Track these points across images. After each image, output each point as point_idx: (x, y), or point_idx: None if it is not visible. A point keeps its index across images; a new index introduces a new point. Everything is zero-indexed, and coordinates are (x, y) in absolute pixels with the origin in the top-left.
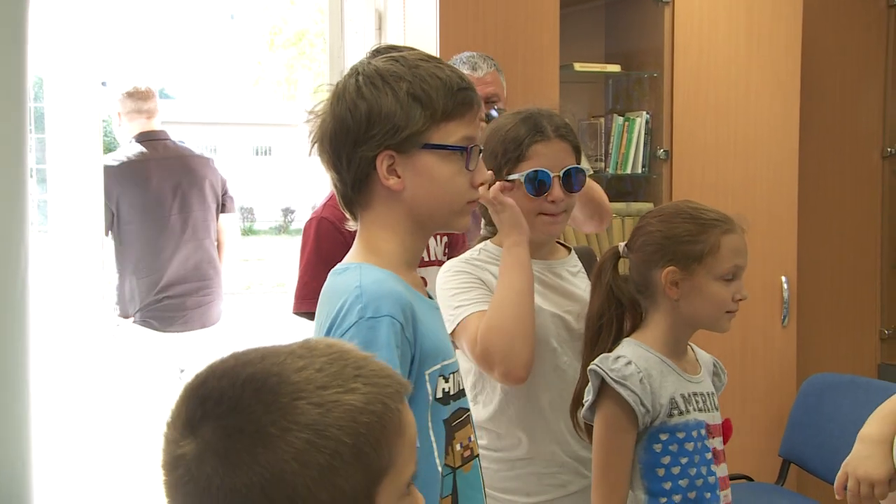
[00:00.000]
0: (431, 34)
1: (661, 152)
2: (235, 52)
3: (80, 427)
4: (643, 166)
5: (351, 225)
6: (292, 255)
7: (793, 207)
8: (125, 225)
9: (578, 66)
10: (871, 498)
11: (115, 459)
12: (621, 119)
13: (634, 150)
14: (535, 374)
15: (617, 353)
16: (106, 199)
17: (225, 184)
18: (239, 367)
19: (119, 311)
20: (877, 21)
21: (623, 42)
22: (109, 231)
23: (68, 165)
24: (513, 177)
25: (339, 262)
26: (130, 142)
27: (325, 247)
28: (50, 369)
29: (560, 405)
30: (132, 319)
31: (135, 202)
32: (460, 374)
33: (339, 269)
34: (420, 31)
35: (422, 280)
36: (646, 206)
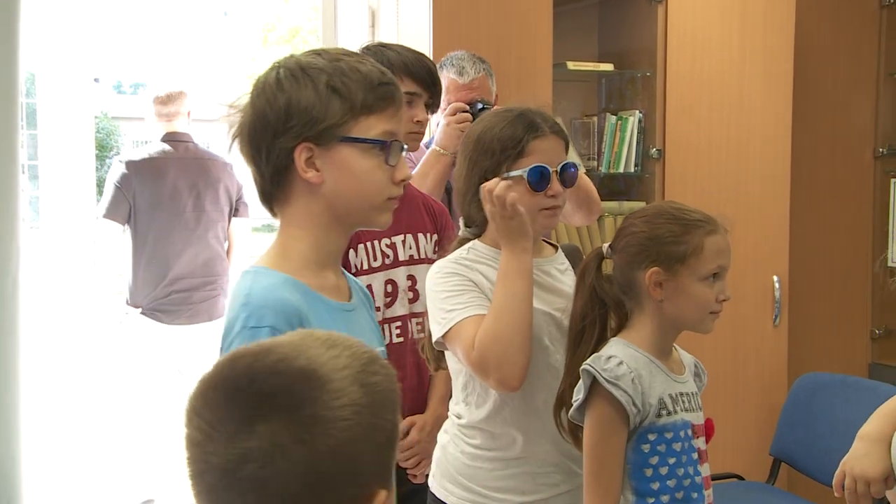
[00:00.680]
0: (425, 32)
1: (653, 151)
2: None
3: (70, 423)
4: (636, 165)
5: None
6: None
7: (785, 207)
8: (140, 217)
9: (571, 65)
10: (868, 496)
11: (107, 453)
12: (614, 118)
13: (627, 149)
14: (530, 374)
15: (608, 352)
16: (125, 192)
17: (241, 189)
18: (284, 364)
19: (129, 300)
20: (869, 21)
21: (616, 41)
22: (126, 223)
23: (60, 162)
24: (515, 173)
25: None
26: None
27: None
28: (41, 366)
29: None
30: (140, 310)
31: (150, 197)
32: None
33: (244, 272)
34: (413, 29)
35: (342, 280)
36: (638, 205)
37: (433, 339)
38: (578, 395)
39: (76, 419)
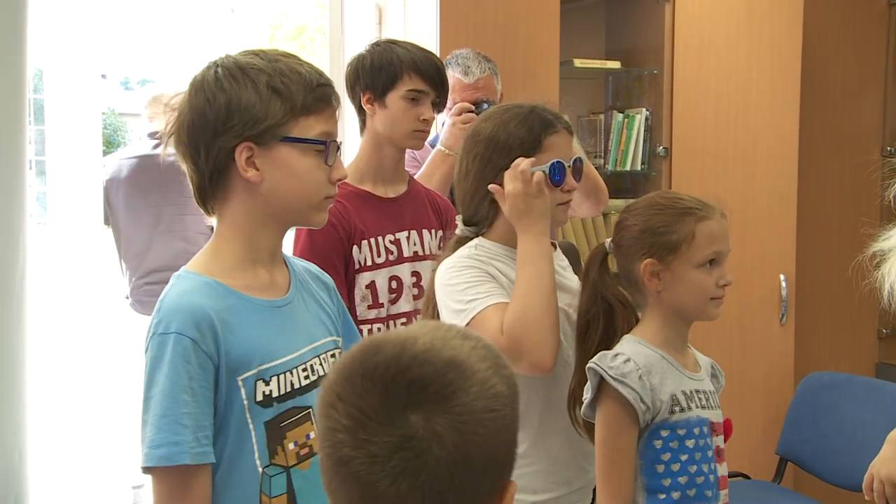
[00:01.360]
0: (431, 29)
1: (660, 149)
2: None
3: (78, 418)
4: (643, 163)
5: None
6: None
7: (792, 206)
8: (115, 214)
9: (578, 63)
10: (895, 498)
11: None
12: (621, 116)
13: (634, 146)
14: None
15: (616, 350)
16: (105, 189)
17: None
18: (432, 354)
19: (123, 292)
20: (877, 19)
21: (623, 39)
22: (107, 223)
23: (67, 157)
24: (537, 168)
25: (334, 255)
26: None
27: (319, 240)
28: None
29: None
30: (128, 301)
31: (122, 194)
32: (300, 371)
33: (173, 275)
34: (420, 26)
35: (284, 274)
36: None
37: None
38: (588, 394)
39: (84, 413)
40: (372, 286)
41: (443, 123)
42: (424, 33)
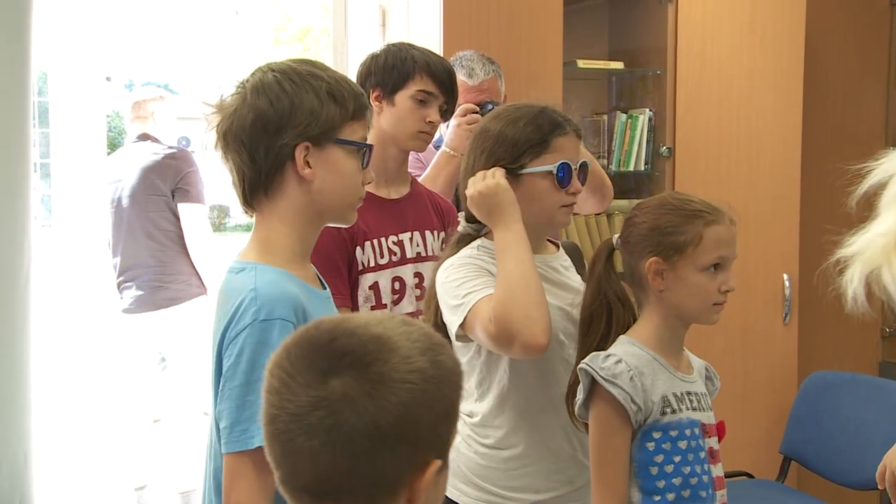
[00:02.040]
0: (435, 31)
1: (664, 149)
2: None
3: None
4: (646, 163)
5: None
6: None
7: (795, 205)
8: (105, 217)
9: (582, 63)
10: None
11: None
12: (624, 116)
13: (637, 147)
14: (544, 368)
15: (608, 351)
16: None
17: (181, 176)
18: (362, 329)
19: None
20: (879, 18)
21: (626, 39)
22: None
23: (72, 160)
24: (541, 168)
25: (338, 256)
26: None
27: (323, 242)
28: (53, 361)
29: None
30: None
31: (106, 198)
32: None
33: (235, 268)
34: (424, 28)
35: (314, 270)
36: None
37: (452, 333)
38: (580, 395)
39: (88, 413)
40: (375, 287)
41: (447, 125)
42: (428, 35)
